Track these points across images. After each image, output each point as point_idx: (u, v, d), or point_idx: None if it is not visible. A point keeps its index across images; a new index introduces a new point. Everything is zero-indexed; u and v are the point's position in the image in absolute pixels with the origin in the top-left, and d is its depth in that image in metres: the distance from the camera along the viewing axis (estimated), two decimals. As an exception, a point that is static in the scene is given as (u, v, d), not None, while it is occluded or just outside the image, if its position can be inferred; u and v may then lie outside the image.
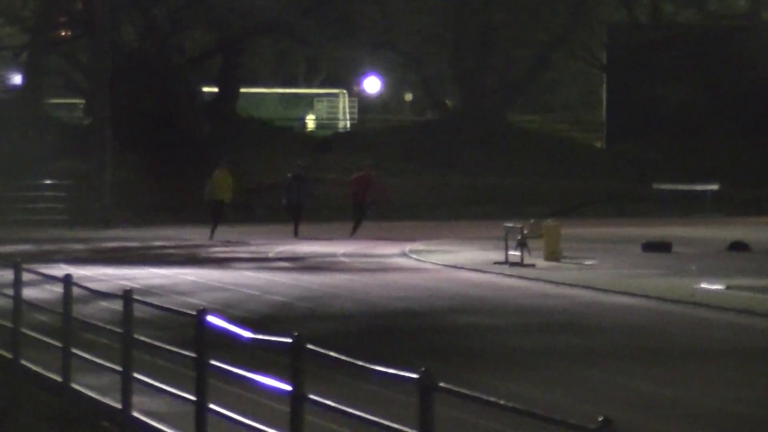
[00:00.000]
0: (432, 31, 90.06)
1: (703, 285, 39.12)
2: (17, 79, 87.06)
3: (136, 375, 18.80)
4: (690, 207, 73.43)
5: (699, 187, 75.60)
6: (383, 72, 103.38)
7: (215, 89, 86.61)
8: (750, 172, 78.15)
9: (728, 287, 38.56)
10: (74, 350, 21.13)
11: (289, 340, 14.97)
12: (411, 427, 12.56)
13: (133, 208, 66.02)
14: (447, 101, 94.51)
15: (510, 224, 47.26)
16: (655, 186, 76.53)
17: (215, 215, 53.36)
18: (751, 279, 40.58)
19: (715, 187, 75.48)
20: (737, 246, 51.41)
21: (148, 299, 21.39)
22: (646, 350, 27.64)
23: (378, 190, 50.64)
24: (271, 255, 48.52)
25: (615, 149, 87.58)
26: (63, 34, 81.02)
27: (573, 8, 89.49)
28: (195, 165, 70.60)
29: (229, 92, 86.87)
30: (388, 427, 13.25)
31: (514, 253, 45.92)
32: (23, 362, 23.17)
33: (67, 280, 22.04)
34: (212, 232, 53.46)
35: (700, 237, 55.50)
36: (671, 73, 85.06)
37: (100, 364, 20.37)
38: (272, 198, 61.42)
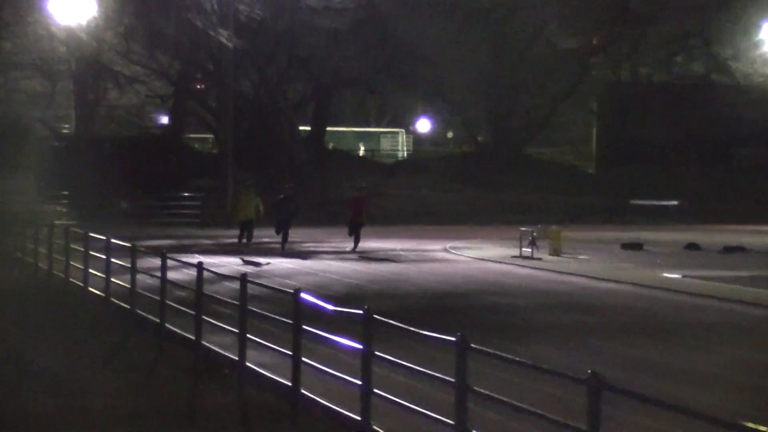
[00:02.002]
0: (470, 85, 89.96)
1: (666, 274, 39.01)
2: (165, 119, 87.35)
3: (249, 336, 18.80)
4: (658, 217, 73.20)
5: (664, 203, 75.38)
6: (432, 115, 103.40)
7: (309, 128, 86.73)
8: (703, 192, 77.94)
9: (684, 276, 38.45)
10: (204, 317, 21.17)
11: (362, 312, 14.94)
12: (450, 376, 12.50)
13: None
14: (480, 137, 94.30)
15: (524, 228, 47.19)
16: (632, 201, 76.42)
17: (245, 230, 46.90)
18: (701, 270, 40.47)
19: (676, 202, 75.25)
20: (691, 246, 51.34)
21: (258, 281, 21.38)
22: (625, 324, 27.53)
23: (369, 208, 47.56)
24: (347, 249, 48.39)
25: (603, 174, 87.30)
26: (198, 86, 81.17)
27: (576, 71, 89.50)
28: (294, 182, 70.89)
29: (319, 130, 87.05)
30: (433, 376, 13.22)
31: (527, 250, 45.85)
32: (167, 325, 23.24)
33: (199, 266, 22.10)
34: (248, 243, 47.08)
35: (664, 239, 55.33)
36: (645, 119, 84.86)
37: (223, 327, 20.39)
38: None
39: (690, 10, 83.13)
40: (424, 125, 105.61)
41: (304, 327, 16.84)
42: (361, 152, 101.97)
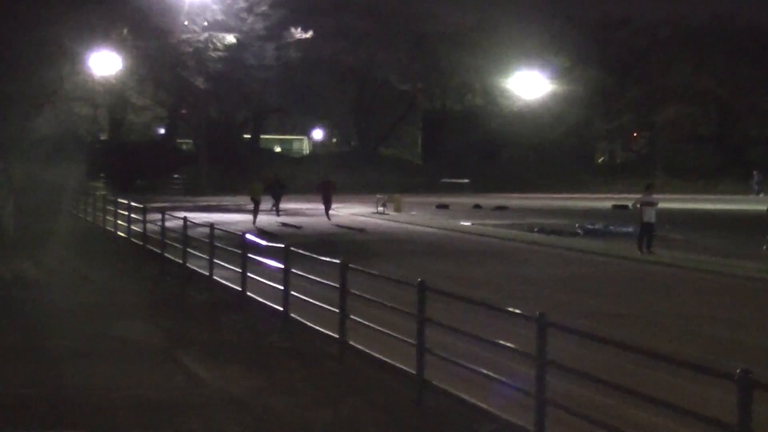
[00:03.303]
0: (345, 110, 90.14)
1: (461, 222, 39.25)
2: (162, 130, 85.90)
3: (215, 260, 18.61)
4: (457, 190, 73.40)
5: (461, 181, 75.77)
6: (324, 128, 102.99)
7: (249, 136, 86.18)
8: (484, 175, 78.44)
9: (472, 223, 38.72)
10: (188, 249, 20.93)
11: (282, 245, 14.83)
12: (336, 283, 12.45)
13: (216, 189, 65.49)
14: (352, 142, 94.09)
15: (379, 196, 47.28)
16: (442, 180, 76.72)
17: (259, 204, 40.28)
18: (482, 220, 40.82)
19: (467, 180, 75.68)
20: (476, 206, 51.70)
21: (220, 227, 21.20)
22: (439, 251, 27.65)
23: (334, 188, 42.86)
24: (270, 206, 48.15)
25: (424, 164, 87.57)
26: (183, 111, 79.83)
27: (407, 102, 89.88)
28: (243, 170, 70.54)
29: (256, 137, 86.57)
30: (327, 285, 13.15)
31: (381, 209, 45.87)
32: (166, 254, 22.97)
33: (184, 218, 21.85)
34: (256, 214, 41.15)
35: (460, 203, 55.75)
36: (448, 131, 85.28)
37: (198, 255, 20.19)
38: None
39: (473, 68, 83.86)
40: (318, 134, 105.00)
41: (249, 255, 16.75)
42: (278, 149, 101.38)
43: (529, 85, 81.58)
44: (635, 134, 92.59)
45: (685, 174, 79.25)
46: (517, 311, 9.28)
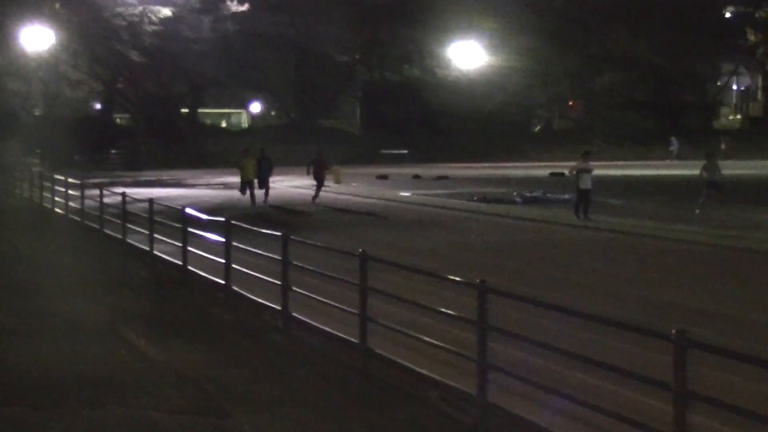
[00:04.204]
0: (283, 83, 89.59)
1: (401, 192, 39.36)
2: (98, 105, 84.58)
3: (155, 235, 18.49)
4: (396, 161, 73.55)
5: (400, 151, 75.84)
6: (262, 101, 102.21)
7: (187, 110, 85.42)
8: (422, 145, 78.51)
9: (412, 193, 38.84)
10: (128, 224, 20.77)
11: (223, 219, 14.79)
12: (278, 255, 12.45)
13: (155, 163, 64.84)
14: (292, 114, 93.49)
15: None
16: (382, 151, 76.72)
17: (250, 187, 35.50)
18: (422, 190, 40.96)
19: (406, 151, 75.74)
20: (416, 176, 51.82)
21: (160, 202, 21.03)
22: (381, 221, 27.71)
23: (327, 167, 38.01)
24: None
25: (363, 135, 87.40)
26: (119, 85, 78.66)
27: (347, 74, 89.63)
28: (180, 145, 70.00)
29: (194, 111, 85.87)
30: (269, 257, 13.15)
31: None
32: (105, 230, 22.77)
33: (123, 194, 21.66)
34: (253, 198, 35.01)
35: (400, 173, 55.84)
36: (387, 102, 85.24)
37: (138, 230, 20.06)
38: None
39: (411, 39, 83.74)
40: (256, 107, 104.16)
41: (188, 229, 16.67)
42: (223, 125, 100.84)
43: (466, 55, 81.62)
44: (570, 103, 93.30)
45: (621, 140, 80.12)
46: (458, 279, 9.38)
